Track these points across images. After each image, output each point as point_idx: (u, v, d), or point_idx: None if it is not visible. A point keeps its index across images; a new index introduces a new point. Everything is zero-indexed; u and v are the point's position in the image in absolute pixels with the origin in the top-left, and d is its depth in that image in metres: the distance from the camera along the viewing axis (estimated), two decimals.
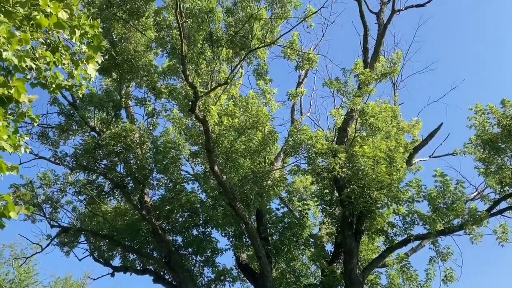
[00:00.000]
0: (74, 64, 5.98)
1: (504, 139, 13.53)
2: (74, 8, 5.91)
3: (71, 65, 6.02)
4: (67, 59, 5.92)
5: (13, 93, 4.21)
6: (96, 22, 5.92)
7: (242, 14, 13.28)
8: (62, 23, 4.35)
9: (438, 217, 13.70)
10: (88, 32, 5.93)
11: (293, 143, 14.38)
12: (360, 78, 14.19)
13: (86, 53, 4.91)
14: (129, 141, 13.89)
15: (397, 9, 16.26)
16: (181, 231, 15.97)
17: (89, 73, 5.04)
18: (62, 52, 5.89)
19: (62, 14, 4.32)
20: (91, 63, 4.96)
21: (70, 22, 4.45)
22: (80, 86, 6.22)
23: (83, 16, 5.87)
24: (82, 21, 5.88)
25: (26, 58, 4.26)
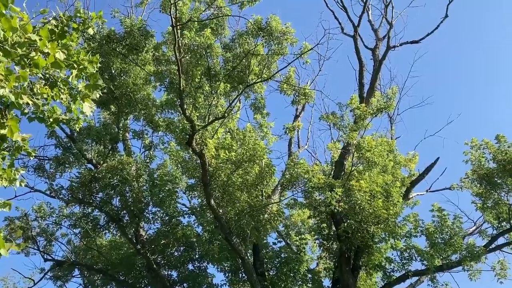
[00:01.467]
0: (72, 98, 6.07)
1: (500, 174, 13.56)
2: (73, 44, 6.05)
3: (69, 99, 6.11)
4: (66, 93, 6.00)
5: (6, 132, 4.25)
6: (95, 58, 6.03)
7: (240, 50, 13.52)
8: (59, 63, 4.43)
9: (436, 252, 13.57)
10: (87, 68, 6.05)
11: (290, 177, 14.38)
12: (356, 113, 14.32)
13: (82, 92, 4.97)
14: (125, 174, 13.87)
15: (392, 45, 16.60)
16: (177, 266, 15.75)
17: (84, 111, 5.09)
18: (61, 86, 5.98)
19: (59, 55, 4.41)
20: (86, 101, 5.02)
21: (68, 61, 4.53)
22: (78, 120, 6.28)
23: (82, 52, 6.00)
24: (81, 57, 6.00)
25: (23, 95, 4.32)
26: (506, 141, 13.83)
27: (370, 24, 17.59)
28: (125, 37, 12.85)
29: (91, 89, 4.96)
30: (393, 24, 17.01)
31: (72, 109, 6.00)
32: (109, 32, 12.93)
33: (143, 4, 15.73)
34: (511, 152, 13.53)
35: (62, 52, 4.41)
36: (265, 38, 13.33)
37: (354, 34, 16.28)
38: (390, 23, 16.99)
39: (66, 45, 4.51)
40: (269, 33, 13.16)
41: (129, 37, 12.80)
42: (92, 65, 6.16)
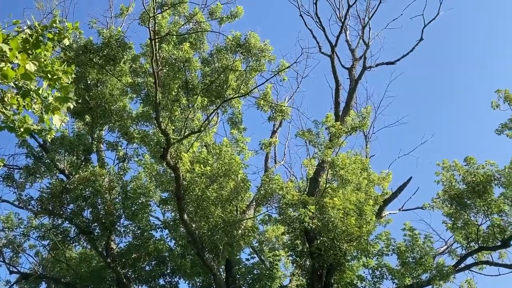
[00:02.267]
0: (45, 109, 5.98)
1: (470, 196, 13.85)
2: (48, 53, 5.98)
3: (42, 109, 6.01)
4: (38, 103, 5.91)
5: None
6: (70, 68, 5.97)
7: (218, 64, 13.57)
8: (29, 74, 4.37)
9: (407, 271, 13.70)
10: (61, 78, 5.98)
11: (264, 193, 14.38)
12: (331, 131, 14.49)
13: (52, 104, 4.90)
14: (98, 186, 13.65)
15: (368, 65, 16.94)
16: (147, 280, 15.48)
17: (54, 123, 5.01)
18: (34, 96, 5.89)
19: (30, 66, 4.35)
20: (57, 114, 4.95)
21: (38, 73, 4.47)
22: (50, 130, 6.18)
23: (57, 62, 5.93)
24: (56, 67, 5.93)
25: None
26: (475, 163, 14.17)
27: (348, 44, 17.94)
28: (103, 48, 12.76)
29: (61, 102, 4.89)
30: (369, 45, 17.40)
31: (45, 120, 5.92)
32: (86, 42, 12.82)
33: (123, 15, 15.71)
34: (480, 174, 13.86)
35: (33, 63, 4.34)
36: (244, 54, 13.43)
37: (331, 53, 16.56)
38: (366, 44, 17.36)
39: (38, 57, 4.45)
40: (247, 50, 13.27)
41: (107, 48, 12.71)
42: (67, 75, 6.10)
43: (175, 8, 13.35)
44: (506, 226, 13.82)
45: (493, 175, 14.02)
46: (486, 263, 14.58)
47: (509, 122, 14.45)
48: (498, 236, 13.79)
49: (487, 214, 13.95)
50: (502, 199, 13.91)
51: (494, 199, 13.86)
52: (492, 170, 14.13)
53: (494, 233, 13.79)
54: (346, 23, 17.66)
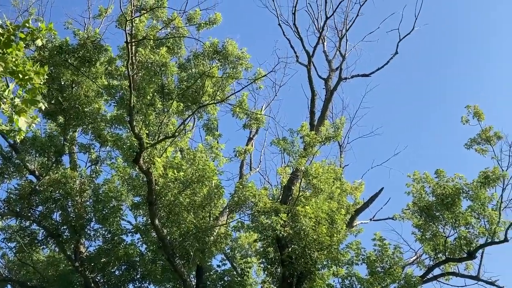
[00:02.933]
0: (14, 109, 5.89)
1: (439, 208, 14.15)
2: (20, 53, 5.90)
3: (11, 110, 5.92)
4: (8, 103, 5.82)
5: None
6: (42, 69, 5.91)
7: (195, 70, 13.58)
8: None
9: (376, 281, 13.86)
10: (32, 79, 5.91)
11: (237, 200, 14.39)
12: (305, 140, 14.63)
13: (18, 106, 4.85)
14: (68, 188, 13.45)
15: (344, 77, 17.19)
16: (117, 285, 15.25)
17: (20, 126, 4.95)
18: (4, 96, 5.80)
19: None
20: (23, 116, 4.89)
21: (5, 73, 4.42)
22: (19, 131, 6.08)
23: (28, 62, 5.86)
24: (28, 67, 5.86)
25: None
26: (445, 176, 14.50)
27: (325, 54, 18.17)
28: (78, 49, 12.63)
29: (28, 104, 4.83)
30: (346, 57, 17.67)
31: (14, 120, 5.83)
32: (61, 42, 12.67)
33: (102, 16, 15.57)
34: (449, 187, 14.18)
35: None
36: (221, 61, 13.48)
37: (308, 63, 16.75)
38: (343, 56, 17.63)
39: (4, 58, 4.39)
40: (224, 57, 13.32)
41: (82, 49, 12.58)
42: (39, 76, 6.04)
43: (154, 12, 13.32)
44: (472, 238, 14.16)
45: (462, 188, 14.38)
46: (453, 274, 14.90)
47: (478, 137, 14.83)
48: (465, 248, 14.12)
49: (455, 226, 14.27)
50: (470, 212, 14.26)
51: (461, 211, 14.19)
52: (461, 183, 14.48)
53: (461, 245, 14.11)
54: (324, 34, 17.93)
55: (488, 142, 14.78)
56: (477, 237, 14.18)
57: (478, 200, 14.16)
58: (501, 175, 14.15)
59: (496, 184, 14.32)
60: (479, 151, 14.94)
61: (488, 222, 14.14)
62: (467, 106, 15.12)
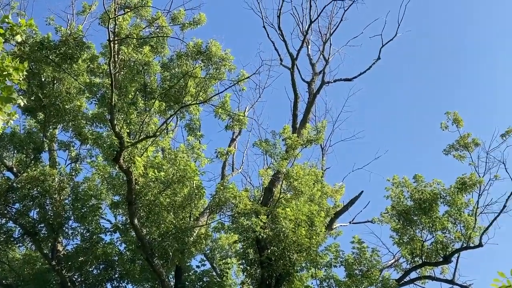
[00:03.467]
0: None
1: (416, 212, 14.35)
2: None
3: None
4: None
5: None
6: (21, 65, 5.85)
7: (178, 70, 13.54)
8: None
9: (353, 283, 13.99)
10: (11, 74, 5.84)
11: (218, 201, 14.39)
12: (287, 142, 14.70)
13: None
14: (47, 186, 13.29)
15: (327, 81, 17.31)
16: (94, 285, 15.12)
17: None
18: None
19: None
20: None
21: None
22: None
23: (7, 58, 5.79)
24: (6, 63, 5.79)
25: None
26: (423, 181, 14.71)
27: (309, 58, 18.28)
28: (60, 45, 12.49)
29: (3, 102, 4.78)
30: (329, 61, 17.80)
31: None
32: (42, 38, 12.51)
33: (86, 12, 15.41)
34: (427, 192, 14.40)
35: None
36: (204, 61, 13.48)
37: (291, 66, 16.83)
38: (326, 60, 17.76)
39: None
40: (208, 57, 13.32)
41: (64, 46, 12.44)
42: (18, 72, 5.97)
43: (137, 10, 13.25)
44: (448, 243, 14.41)
45: (439, 194, 14.60)
46: (429, 278, 15.11)
47: (456, 144, 15.09)
48: (441, 252, 14.36)
49: (432, 230, 14.50)
50: (446, 217, 14.50)
51: (438, 216, 14.42)
52: (439, 189, 14.71)
53: (437, 249, 14.34)
54: (308, 37, 18.03)
55: (466, 149, 15.04)
56: (453, 241, 14.44)
57: (455, 205, 14.41)
58: (478, 181, 14.42)
59: (473, 190, 14.58)
60: (457, 157, 15.20)
61: (464, 227, 14.40)
62: (447, 113, 15.37)
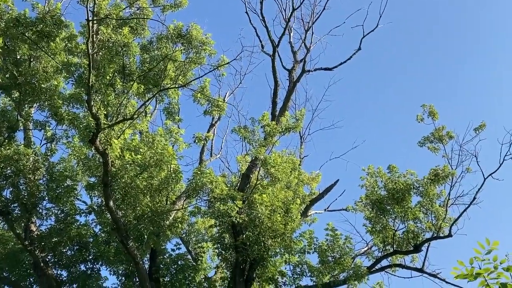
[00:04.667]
0: None
1: (389, 202, 14.61)
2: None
3: None
4: None
5: None
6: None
7: (158, 53, 13.41)
8: None
9: (326, 270, 14.28)
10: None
11: (195, 185, 14.43)
12: (266, 130, 14.77)
13: None
14: (21, 165, 13.11)
15: (308, 69, 17.36)
16: (68, 265, 15.10)
17: None
18: None
19: None
20: None
21: None
22: None
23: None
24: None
25: None
26: (397, 172, 14.97)
27: (290, 45, 18.28)
28: (37, 22, 12.22)
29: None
30: (310, 49, 17.82)
31: None
32: (18, 15, 12.22)
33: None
34: (400, 182, 14.67)
35: None
36: (184, 45, 13.37)
37: (272, 53, 16.82)
38: (308, 48, 17.78)
39: None
40: (188, 41, 13.22)
41: (41, 23, 12.18)
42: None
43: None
44: (419, 232, 14.74)
45: (412, 184, 14.88)
46: (399, 266, 15.46)
47: (431, 136, 15.37)
48: (412, 241, 14.69)
49: (404, 220, 14.80)
50: (419, 207, 14.81)
51: (411, 206, 14.72)
52: (412, 179, 14.99)
53: (408, 238, 14.67)
54: (290, 25, 18.00)
55: (440, 141, 15.33)
56: (424, 231, 14.77)
57: (427, 196, 14.72)
58: (450, 173, 14.74)
59: (445, 181, 14.90)
60: (432, 149, 15.49)
61: (435, 217, 14.74)
62: (423, 105, 15.61)
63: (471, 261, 3.95)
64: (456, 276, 3.99)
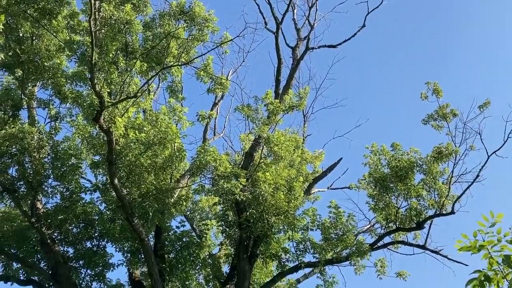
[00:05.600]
0: None
1: (393, 179, 14.68)
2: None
3: None
4: None
5: None
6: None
7: (160, 30, 13.31)
8: None
9: (328, 246, 14.44)
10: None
11: (198, 163, 14.50)
12: (269, 108, 14.76)
13: None
14: (26, 144, 13.17)
15: (311, 46, 17.23)
16: (74, 242, 15.29)
17: None
18: None
19: None
20: None
21: None
22: None
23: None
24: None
25: None
26: (400, 149, 14.99)
27: (294, 22, 18.11)
28: (38, 0, 12.11)
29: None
30: (314, 26, 17.66)
31: None
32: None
33: None
34: (403, 160, 14.70)
35: None
36: (187, 22, 13.25)
37: (276, 31, 16.68)
38: (311, 25, 17.61)
39: None
40: (191, 18, 13.09)
41: (43, 0, 12.07)
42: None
43: None
44: (422, 209, 14.83)
45: (416, 162, 14.92)
46: (402, 242, 15.61)
47: (435, 114, 15.32)
48: (414, 218, 14.80)
49: (407, 197, 14.88)
50: (422, 185, 14.86)
51: (414, 184, 14.78)
52: (415, 157, 15.03)
53: (411, 216, 14.77)
54: (294, 1, 17.81)
55: (444, 119, 15.28)
56: (426, 208, 14.86)
57: (430, 174, 14.77)
58: (454, 151, 14.74)
59: (448, 159, 14.92)
60: (435, 127, 15.46)
61: (438, 195, 14.80)
62: (427, 83, 15.52)
63: (475, 234, 3.99)
64: (459, 249, 4.03)
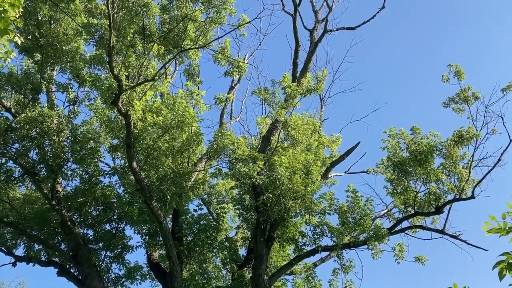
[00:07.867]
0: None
1: (411, 164, 14.50)
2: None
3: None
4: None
5: None
6: (18, 1, 5.74)
7: (177, 13, 13.23)
8: None
9: (346, 230, 14.39)
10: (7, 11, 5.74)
11: (216, 147, 14.51)
12: (286, 91, 14.64)
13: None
14: (45, 127, 13.31)
15: (329, 29, 16.97)
16: (93, 225, 15.52)
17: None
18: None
19: None
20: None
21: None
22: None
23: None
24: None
25: None
26: (420, 133, 14.78)
27: (312, 4, 17.84)
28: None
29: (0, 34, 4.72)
30: (332, 8, 17.37)
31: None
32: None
33: None
34: (423, 144, 14.50)
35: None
36: (204, 4, 13.14)
37: (294, 13, 16.45)
38: (330, 7, 17.32)
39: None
40: (208, 0, 12.98)
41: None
42: (14, 8, 5.86)
43: None
44: (441, 194, 14.65)
45: (435, 146, 14.71)
46: (420, 227, 15.49)
47: (456, 97, 15.03)
48: (433, 203, 14.64)
49: (426, 182, 14.70)
50: (441, 169, 14.66)
51: (433, 168, 14.59)
52: (435, 141, 14.81)
53: (430, 200, 14.62)
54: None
55: (465, 102, 14.98)
56: (446, 193, 14.67)
57: (450, 158, 14.55)
58: (475, 134, 14.49)
59: (469, 143, 14.67)
60: (456, 110, 15.17)
61: (458, 179, 14.59)
62: (449, 65, 15.19)
63: (503, 216, 3.89)
64: (487, 231, 3.94)
